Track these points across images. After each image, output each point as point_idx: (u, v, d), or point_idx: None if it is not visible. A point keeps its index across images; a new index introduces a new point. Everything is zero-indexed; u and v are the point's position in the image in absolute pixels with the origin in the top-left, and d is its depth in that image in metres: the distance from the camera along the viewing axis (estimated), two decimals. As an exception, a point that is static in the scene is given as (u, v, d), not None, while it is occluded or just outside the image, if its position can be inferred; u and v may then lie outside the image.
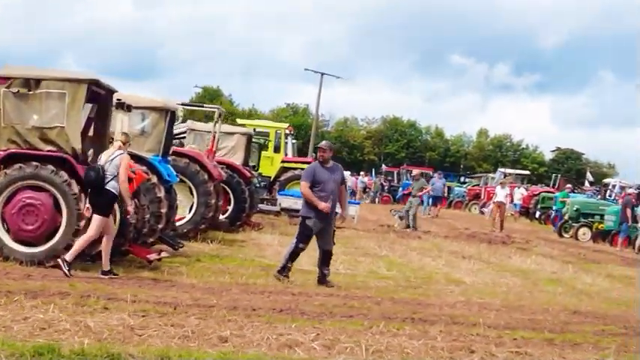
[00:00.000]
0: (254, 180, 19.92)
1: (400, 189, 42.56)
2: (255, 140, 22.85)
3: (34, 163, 10.01)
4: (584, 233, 24.70)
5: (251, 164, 21.01)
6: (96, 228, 9.49)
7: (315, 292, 9.67)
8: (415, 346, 6.82)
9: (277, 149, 26.17)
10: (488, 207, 32.55)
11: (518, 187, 36.91)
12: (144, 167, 11.49)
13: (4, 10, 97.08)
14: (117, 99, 11.14)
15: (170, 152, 13.47)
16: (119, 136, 10.10)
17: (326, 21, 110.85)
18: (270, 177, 24.83)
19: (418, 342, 6.98)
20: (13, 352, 5.53)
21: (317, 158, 11.02)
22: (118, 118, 11.30)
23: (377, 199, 43.87)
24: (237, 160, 18.37)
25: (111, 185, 9.56)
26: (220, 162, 17.04)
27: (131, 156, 10.18)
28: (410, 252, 15.95)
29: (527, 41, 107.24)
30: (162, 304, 7.85)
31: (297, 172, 22.86)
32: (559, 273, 14.63)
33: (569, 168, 68.92)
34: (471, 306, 9.57)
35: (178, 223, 14.34)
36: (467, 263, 14.69)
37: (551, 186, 40.35)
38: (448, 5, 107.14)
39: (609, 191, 31.52)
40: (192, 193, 15.14)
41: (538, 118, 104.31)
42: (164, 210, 12.07)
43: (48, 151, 10.11)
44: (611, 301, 11.35)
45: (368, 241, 17.48)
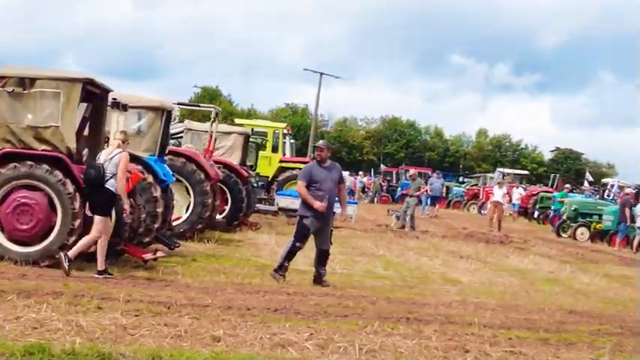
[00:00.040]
0: (251, 180, 19.91)
1: (399, 189, 42.56)
2: (252, 140, 22.85)
3: (29, 163, 9.98)
4: (582, 233, 24.66)
5: (249, 164, 21.00)
6: (99, 228, 9.53)
7: (310, 292, 9.64)
8: (409, 346, 6.79)
9: (275, 149, 26.19)
10: (486, 207, 32.52)
11: (516, 187, 36.92)
12: (139, 167, 11.47)
13: (4, 10, 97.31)
14: (112, 98, 11.10)
15: (166, 152, 13.45)
16: (117, 135, 10.06)
17: (326, 21, 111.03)
18: (267, 177, 24.86)
19: (412, 341, 6.94)
20: (3, 352, 5.51)
21: (314, 157, 11.00)
22: (114, 118, 11.25)
23: (376, 199, 43.85)
24: (234, 160, 18.36)
25: (110, 184, 9.58)
26: (217, 162, 17.03)
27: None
28: (407, 252, 15.91)
29: (527, 41, 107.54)
30: (156, 304, 7.83)
31: (294, 172, 22.83)
32: (556, 273, 14.61)
33: (568, 168, 68.97)
34: (467, 305, 9.54)
35: (175, 223, 14.35)
36: (464, 263, 14.66)
37: (549, 186, 40.37)
38: (448, 5, 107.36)
39: (608, 191, 31.49)
40: (188, 193, 15.10)
41: (538, 118, 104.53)
42: (160, 209, 12.06)
43: (43, 151, 10.07)
44: (607, 301, 11.34)
45: (365, 241, 17.44)
